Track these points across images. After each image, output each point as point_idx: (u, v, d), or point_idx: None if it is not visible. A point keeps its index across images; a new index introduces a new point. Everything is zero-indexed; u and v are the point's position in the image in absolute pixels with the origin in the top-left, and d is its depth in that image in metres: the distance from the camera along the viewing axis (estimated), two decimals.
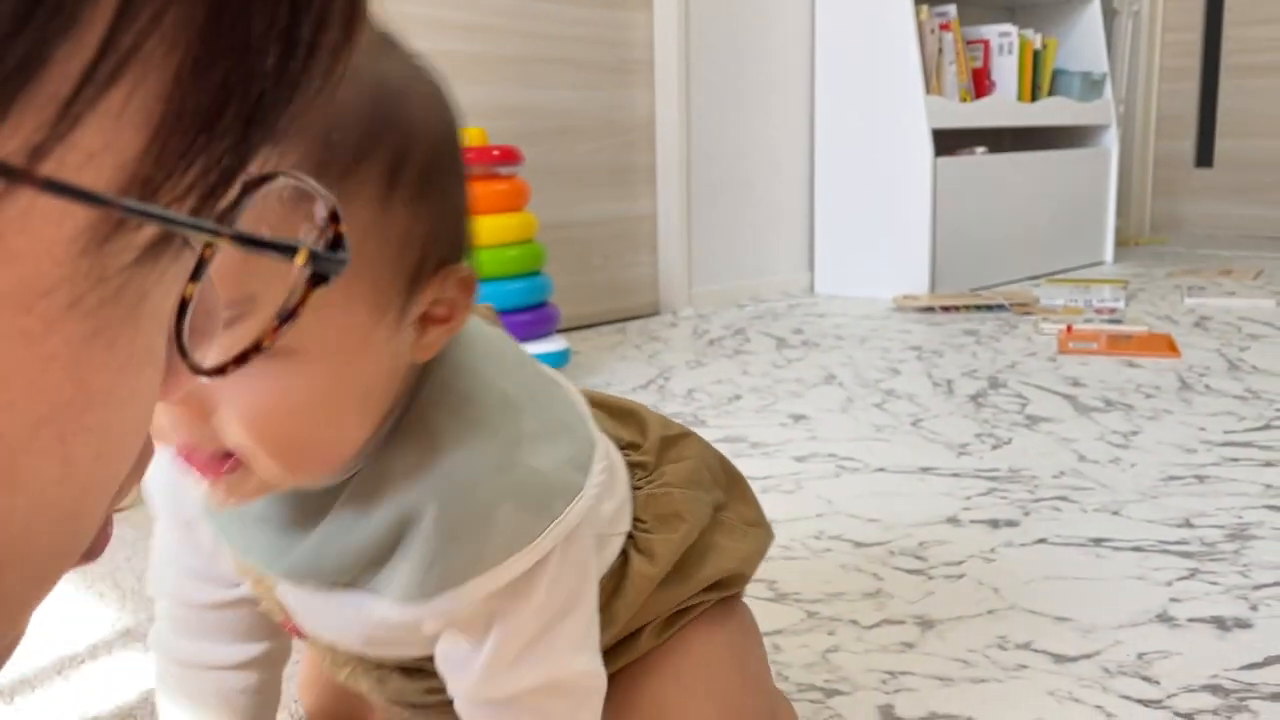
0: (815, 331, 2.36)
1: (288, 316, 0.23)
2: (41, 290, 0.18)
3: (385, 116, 0.44)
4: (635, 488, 0.61)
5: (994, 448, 1.44)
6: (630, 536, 0.60)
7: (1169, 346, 2.02)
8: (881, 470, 1.36)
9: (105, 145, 0.18)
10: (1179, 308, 2.50)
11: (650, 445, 0.64)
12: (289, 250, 0.21)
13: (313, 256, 0.21)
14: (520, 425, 0.50)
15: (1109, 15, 3.47)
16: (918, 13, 2.69)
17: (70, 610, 0.97)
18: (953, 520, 1.17)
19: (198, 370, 0.23)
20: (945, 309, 2.54)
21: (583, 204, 2.47)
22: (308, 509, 0.51)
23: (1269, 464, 1.33)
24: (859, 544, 1.11)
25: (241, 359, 0.23)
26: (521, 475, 0.49)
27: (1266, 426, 1.49)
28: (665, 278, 2.68)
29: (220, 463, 0.44)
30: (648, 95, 2.61)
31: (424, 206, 0.46)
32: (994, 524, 1.15)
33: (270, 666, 0.62)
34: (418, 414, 0.50)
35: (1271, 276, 2.92)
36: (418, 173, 0.45)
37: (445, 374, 0.51)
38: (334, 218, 0.23)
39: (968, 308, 2.53)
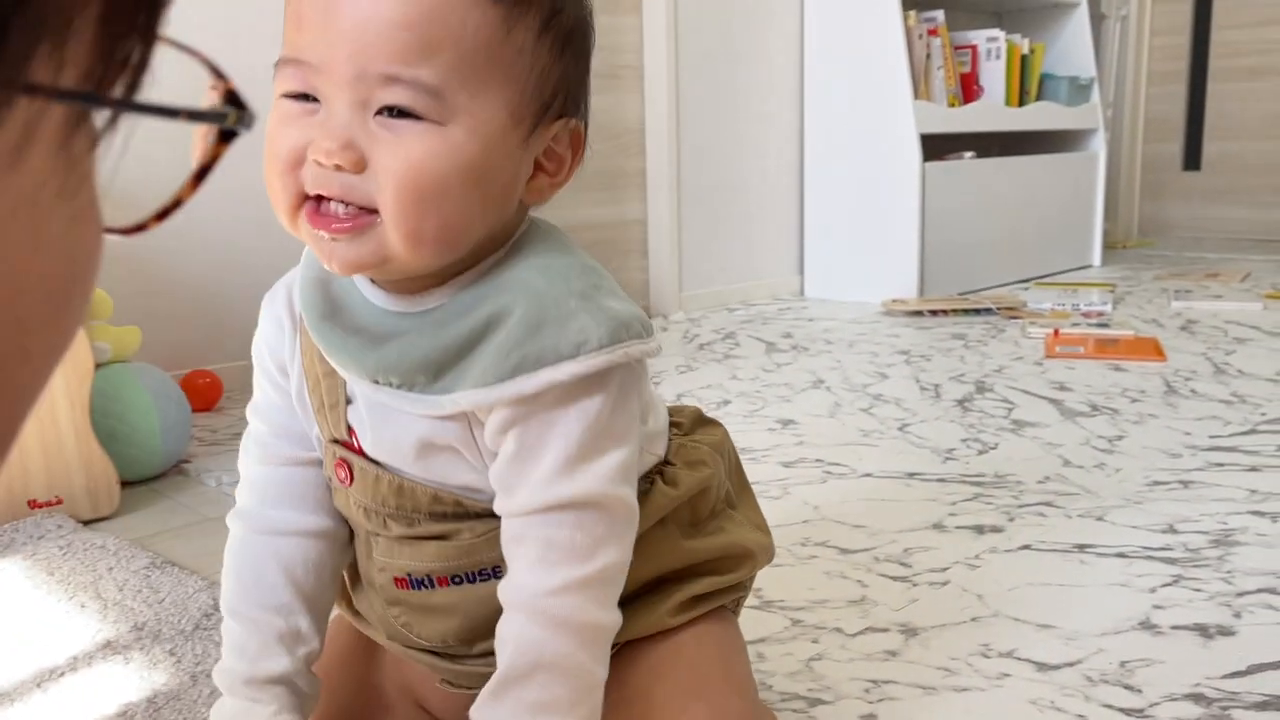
0: (804, 336, 2.36)
1: (203, 174, 0.25)
2: (41, 184, 0.21)
3: None
4: (668, 439, 0.69)
5: (980, 453, 1.44)
6: (660, 472, 0.67)
7: (1155, 350, 2.03)
8: (868, 476, 1.36)
9: (76, 47, 0.20)
10: (1166, 311, 2.51)
11: (686, 417, 0.74)
12: (222, 117, 0.24)
13: (239, 119, 0.24)
14: (600, 281, 0.59)
15: (1096, 20, 3.48)
16: (906, 18, 2.70)
17: (50, 620, 0.97)
18: (938, 526, 1.17)
19: (113, 230, 0.25)
20: (934, 313, 2.54)
21: (573, 209, 2.47)
22: (401, 324, 0.59)
23: (1254, 469, 1.33)
24: (844, 550, 1.11)
25: (162, 215, 0.25)
26: (599, 306, 0.57)
27: (1252, 431, 1.50)
28: (656, 282, 2.68)
29: (351, 220, 0.53)
30: (637, 100, 2.61)
31: (561, 58, 0.58)
32: (979, 530, 1.15)
33: (331, 549, 0.67)
34: (515, 252, 0.60)
35: (1258, 279, 2.93)
36: (564, 31, 0.57)
37: (542, 233, 0.61)
38: (219, 75, 0.25)
39: (956, 311, 2.54)
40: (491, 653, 0.58)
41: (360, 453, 0.62)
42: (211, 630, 0.93)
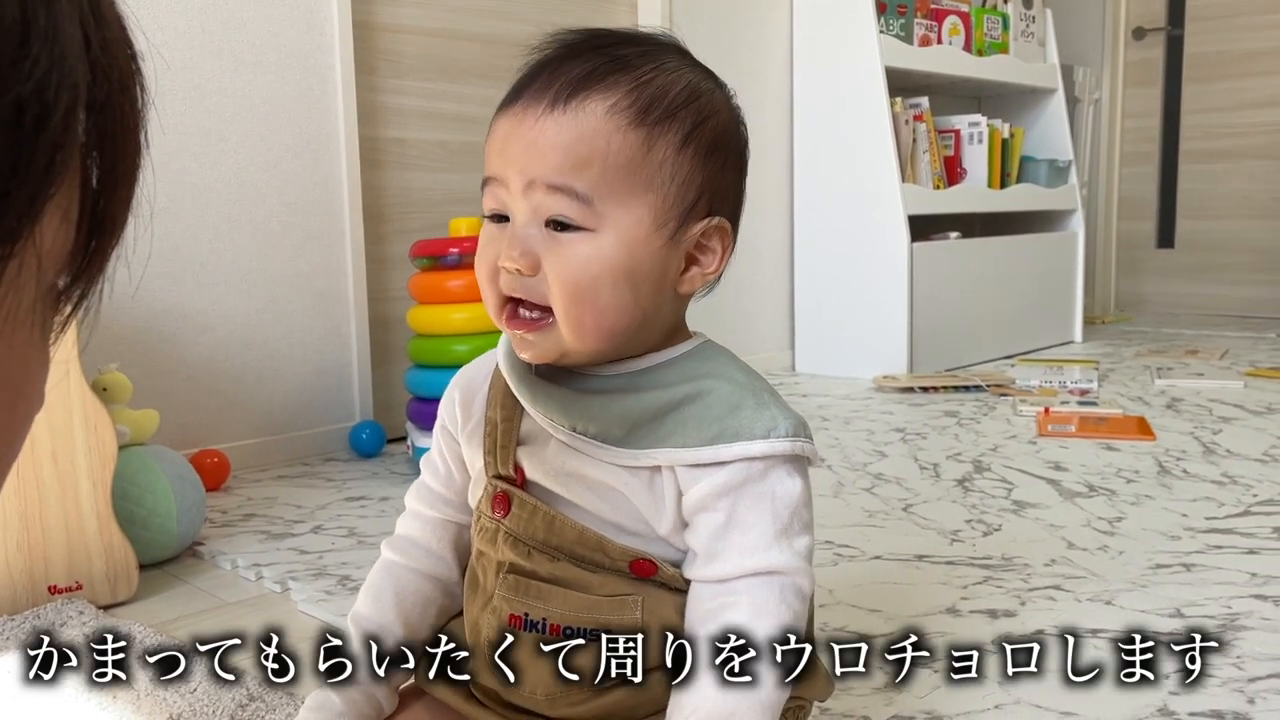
0: (800, 412, 2.39)
1: None
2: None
3: (693, 99, 0.66)
4: None
5: (985, 534, 1.47)
6: None
7: (1144, 429, 2.08)
8: (878, 558, 1.38)
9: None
10: (1150, 389, 2.57)
11: None
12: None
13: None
14: (776, 390, 0.70)
15: (1071, 103, 3.61)
16: (893, 104, 2.79)
17: (86, 711, 0.97)
18: (952, 610, 1.19)
19: None
20: (925, 389, 2.59)
21: None
22: (597, 385, 0.68)
23: (1252, 551, 1.37)
24: (863, 636, 1.13)
25: None
26: (784, 405, 0.68)
27: (1246, 513, 1.54)
28: None
29: (535, 322, 0.65)
30: None
31: (706, 164, 0.66)
32: (992, 614, 1.18)
33: (443, 593, 0.78)
34: (707, 350, 0.71)
35: (1236, 356, 3.01)
36: (706, 141, 0.66)
37: (720, 346, 0.72)
38: None
39: (946, 388, 2.59)
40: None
41: (522, 486, 0.70)
42: None
